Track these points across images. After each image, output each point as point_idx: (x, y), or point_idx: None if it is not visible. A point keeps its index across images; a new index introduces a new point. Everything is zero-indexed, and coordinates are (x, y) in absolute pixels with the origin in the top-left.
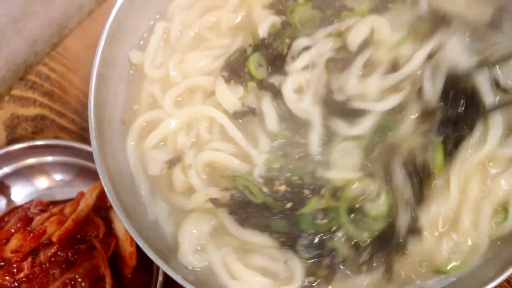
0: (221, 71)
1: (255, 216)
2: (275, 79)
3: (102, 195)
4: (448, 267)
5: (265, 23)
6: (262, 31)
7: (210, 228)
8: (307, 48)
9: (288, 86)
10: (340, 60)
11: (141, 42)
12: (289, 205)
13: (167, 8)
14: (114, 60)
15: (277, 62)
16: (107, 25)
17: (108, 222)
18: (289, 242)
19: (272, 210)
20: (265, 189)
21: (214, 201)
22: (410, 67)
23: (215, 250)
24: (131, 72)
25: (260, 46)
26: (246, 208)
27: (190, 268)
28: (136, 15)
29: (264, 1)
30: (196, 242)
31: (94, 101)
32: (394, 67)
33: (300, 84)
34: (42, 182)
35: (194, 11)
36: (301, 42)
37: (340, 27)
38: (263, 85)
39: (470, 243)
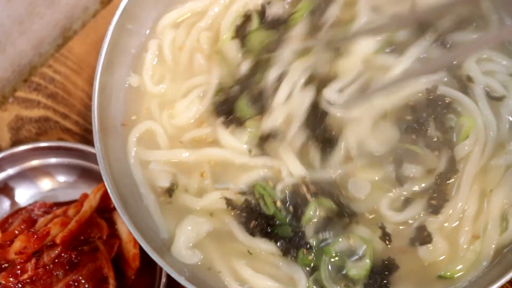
0: (216, 118)
1: (262, 224)
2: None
3: (105, 197)
4: (454, 273)
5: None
6: (244, 68)
7: (210, 227)
8: (281, 76)
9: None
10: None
11: (136, 60)
12: (291, 208)
13: (156, 26)
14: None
15: (261, 99)
16: (105, 44)
17: (112, 224)
18: (293, 249)
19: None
20: (278, 203)
21: (228, 201)
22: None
23: (218, 252)
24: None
25: (243, 85)
26: (256, 216)
27: (181, 262)
28: (129, 31)
29: (231, 32)
30: (192, 238)
31: (97, 103)
32: None
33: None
34: (45, 184)
35: (182, 29)
36: (271, 75)
37: (306, 44)
38: (264, 140)
39: (477, 249)
